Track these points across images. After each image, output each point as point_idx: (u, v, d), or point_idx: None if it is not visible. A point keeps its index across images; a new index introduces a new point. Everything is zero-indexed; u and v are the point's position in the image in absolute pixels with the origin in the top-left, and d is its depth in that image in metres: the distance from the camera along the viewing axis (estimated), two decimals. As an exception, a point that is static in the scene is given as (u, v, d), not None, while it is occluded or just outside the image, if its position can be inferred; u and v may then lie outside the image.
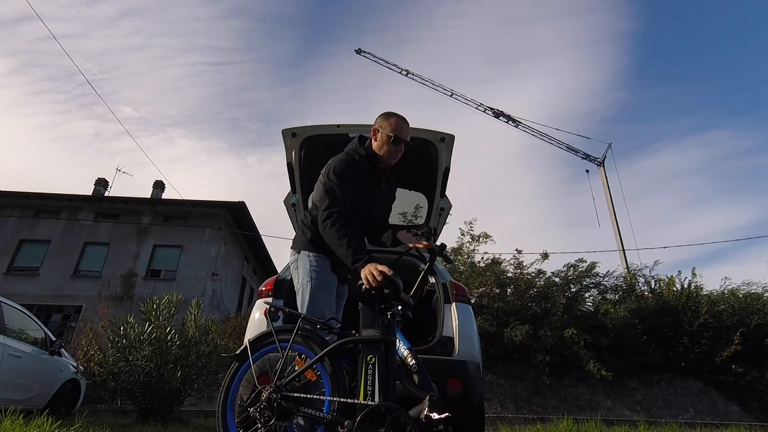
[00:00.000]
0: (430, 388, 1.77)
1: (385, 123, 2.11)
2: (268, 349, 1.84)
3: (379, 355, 1.65)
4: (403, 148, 2.13)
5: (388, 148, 2.10)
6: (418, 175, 3.23)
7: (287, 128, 2.91)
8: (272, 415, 1.64)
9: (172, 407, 5.59)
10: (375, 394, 1.59)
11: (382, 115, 2.15)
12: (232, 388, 1.80)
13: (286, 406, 1.65)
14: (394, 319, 1.72)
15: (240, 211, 17.09)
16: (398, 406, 1.54)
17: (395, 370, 1.68)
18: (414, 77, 22.22)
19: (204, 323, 6.03)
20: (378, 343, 1.67)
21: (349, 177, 2.01)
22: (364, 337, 1.69)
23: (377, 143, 2.12)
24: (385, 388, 1.60)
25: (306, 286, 2.02)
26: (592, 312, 10.52)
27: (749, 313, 10.41)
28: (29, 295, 14.47)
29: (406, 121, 2.16)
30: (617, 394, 9.75)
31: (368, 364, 1.64)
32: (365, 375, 1.63)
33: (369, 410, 1.53)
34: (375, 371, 1.62)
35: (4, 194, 16.58)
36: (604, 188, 19.94)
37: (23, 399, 4.84)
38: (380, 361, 1.64)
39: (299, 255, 2.11)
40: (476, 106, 21.54)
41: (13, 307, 5.23)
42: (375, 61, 22.97)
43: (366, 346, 1.68)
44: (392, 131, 2.08)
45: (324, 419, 1.60)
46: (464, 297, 2.96)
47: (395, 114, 2.14)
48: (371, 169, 2.13)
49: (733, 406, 9.70)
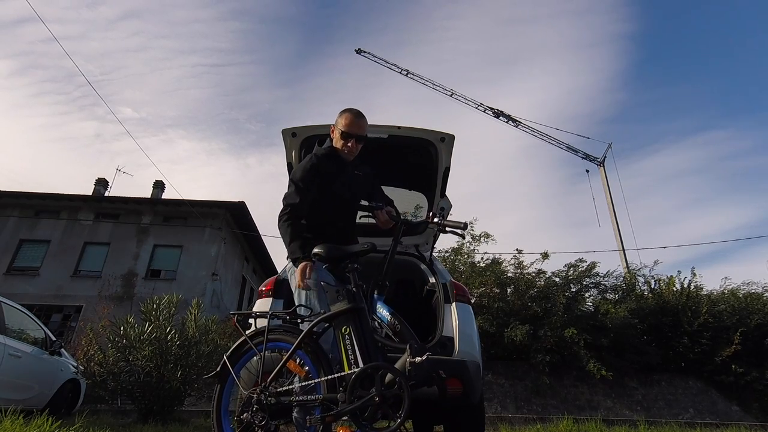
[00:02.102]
0: (411, 339, 1.80)
1: (339, 119, 2.23)
2: (248, 356, 1.84)
3: (352, 323, 1.69)
4: (357, 142, 2.22)
5: (342, 143, 2.20)
6: (418, 175, 3.24)
7: (287, 128, 2.91)
8: (266, 415, 1.64)
9: (172, 407, 5.58)
10: (358, 360, 1.63)
11: (340, 112, 2.26)
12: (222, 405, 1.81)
13: (277, 403, 1.65)
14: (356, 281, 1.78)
15: (240, 211, 17.09)
16: (383, 363, 1.59)
17: (371, 332, 1.72)
18: (414, 77, 22.25)
19: (204, 323, 6.02)
20: (348, 313, 1.71)
21: (307, 180, 2.12)
22: (333, 312, 1.74)
23: (334, 140, 2.25)
24: (366, 352, 1.65)
25: (306, 290, 2.03)
26: (592, 312, 10.53)
27: (749, 313, 10.41)
28: (29, 295, 14.47)
29: (362, 116, 2.23)
30: (617, 394, 9.75)
31: (344, 336, 1.69)
32: (344, 347, 1.67)
33: (356, 375, 1.57)
34: (353, 339, 1.67)
35: (4, 194, 16.58)
36: (604, 188, 19.95)
37: (23, 399, 4.83)
38: (355, 328, 1.69)
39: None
40: (476, 106, 21.56)
41: (13, 307, 5.22)
42: (375, 61, 22.99)
43: (338, 320, 1.72)
44: (343, 127, 2.19)
45: (317, 401, 1.62)
46: (464, 297, 2.96)
47: (349, 110, 2.24)
48: (337, 164, 2.22)
49: (733, 405, 9.70)
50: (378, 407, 1.54)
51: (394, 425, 1.49)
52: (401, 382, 1.53)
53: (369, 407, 1.54)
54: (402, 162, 3.26)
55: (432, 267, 3.33)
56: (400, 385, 1.53)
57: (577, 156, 20.96)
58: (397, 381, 1.54)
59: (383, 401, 1.53)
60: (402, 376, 1.54)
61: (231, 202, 16.78)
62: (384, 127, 2.90)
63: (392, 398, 1.54)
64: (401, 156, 3.17)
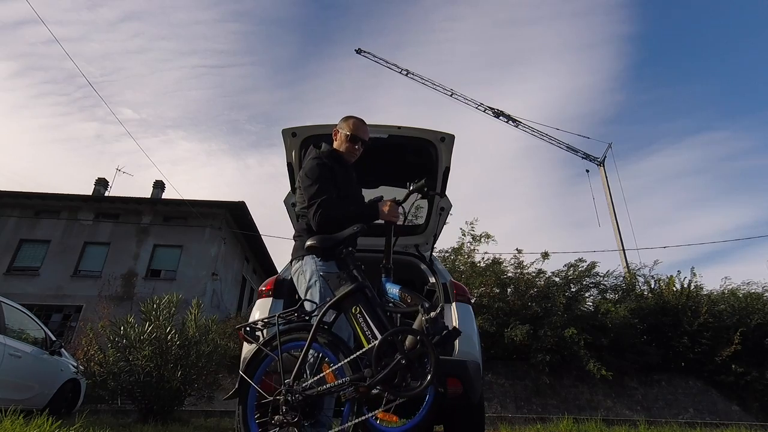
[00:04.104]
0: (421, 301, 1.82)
1: (344, 124, 2.38)
2: (266, 363, 1.81)
3: (361, 302, 1.74)
4: (361, 146, 2.37)
5: (347, 146, 2.34)
6: (418, 175, 3.23)
7: (287, 128, 2.91)
8: (297, 414, 1.62)
9: (172, 407, 5.58)
10: (375, 333, 1.65)
11: (343, 118, 2.42)
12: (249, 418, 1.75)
13: (306, 399, 1.64)
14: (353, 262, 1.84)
15: (240, 211, 17.08)
16: (400, 327, 1.63)
17: (381, 305, 1.77)
18: (414, 77, 22.25)
19: (204, 323, 6.02)
20: (354, 293, 1.75)
21: (324, 174, 2.16)
22: (339, 297, 1.77)
23: (337, 142, 2.38)
24: (381, 324, 1.69)
25: (315, 285, 2.04)
26: (592, 312, 10.52)
27: (749, 313, 10.41)
28: (29, 295, 14.46)
29: (365, 123, 2.42)
30: (617, 394, 9.75)
31: (356, 316, 1.73)
32: (359, 325, 1.71)
33: (378, 345, 1.58)
34: (365, 316, 1.71)
35: (4, 194, 16.57)
36: (604, 188, 19.95)
37: (23, 399, 4.83)
38: (364, 305, 1.73)
39: (303, 260, 2.13)
40: (476, 106, 21.55)
41: (13, 307, 5.22)
42: (375, 61, 22.99)
43: (345, 303, 1.76)
44: (350, 130, 2.34)
45: (345, 384, 1.61)
46: (464, 297, 2.96)
47: (353, 116, 2.41)
48: (340, 166, 2.32)
49: (733, 405, 9.70)
50: (406, 370, 1.56)
51: (425, 382, 1.51)
52: (422, 339, 1.55)
53: (397, 372, 1.56)
54: (402, 162, 3.26)
55: (432, 267, 3.33)
56: (422, 342, 1.55)
57: (577, 156, 20.98)
58: (418, 340, 1.56)
59: (410, 363, 1.56)
60: (421, 333, 1.56)
61: (231, 202, 16.78)
62: (384, 127, 2.91)
63: (418, 359, 1.56)
64: (401, 156, 3.18)
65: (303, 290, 2.11)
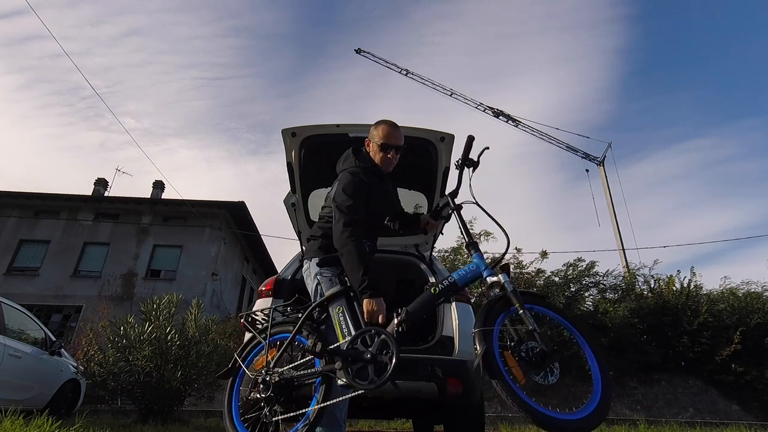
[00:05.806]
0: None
1: (375, 132, 2.21)
2: (257, 351, 2.04)
3: (344, 302, 1.89)
4: (397, 152, 2.22)
5: (381, 156, 2.18)
6: (418, 175, 3.23)
7: (287, 128, 2.91)
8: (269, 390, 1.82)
9: (172, 407, 5.58)
10: (351, 330, 1.81)
11: (374, 125, 2.25)
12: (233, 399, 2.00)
13: (280, 380, 1.84)
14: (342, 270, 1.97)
15: (240, 211, 17.08)
16: (373, 326, 1.77)
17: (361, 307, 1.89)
18: (413, 77, 22.26)
19: (204, 323, 6.02)
20: (339, 294, 1.91)
21: (359, 195, 2.06)
22: (327, 296, 1.93)
23: (372, 153, 2.22)
24: (357, 323, 1.83)
25: (318, 288, 2.06)
26: (591, 311, 10.54)
27: (749, 312, 10.42)
28: (29, 295, 14.46)
29: (397, 126, 2.23)
30: (617, 394, 9.75)
31: (338, 314, 1.88)
32: (338, 323, 1.85)
33: (353, 337, 1.76)
34: (345, 315, 1.85)
35: (4, 194, 16.57)
36: (604, 187, 19.95)
37: (23, 399, 4.83)
38: (347, 306, 1.88)
39: (311, 261, 2.14)
40: (476, 106, 21.55)
41: (13, 307, 5.22)
42: (375, 61, 23.01)
43: (331, 302, 1.91)
44: (381, 139, 2.17)
45: (317, 373, 1.81)
46: (464, 296, 2.96)
47: (384, 121, 2.23)
48: (378, 178, 2.20)
49: (732, 405, 9.71)
50: (368, 363, 1.70)
51: (379, 381, 1.65)
52: (388, 339, 1.70)
53: (360, 361, 1.72)
54: (402, 161, 3.26)
55: (432, 267, 3.33)
56: (388, 341, 1.70)
57: (577, 155, 20.97)
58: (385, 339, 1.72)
59: (374, 359, 1.69)
60: (389, 335, 1.71)
61: (231, 202, 16.77)
62: None
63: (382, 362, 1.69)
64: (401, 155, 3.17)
65: (310, 288, 2.14)
